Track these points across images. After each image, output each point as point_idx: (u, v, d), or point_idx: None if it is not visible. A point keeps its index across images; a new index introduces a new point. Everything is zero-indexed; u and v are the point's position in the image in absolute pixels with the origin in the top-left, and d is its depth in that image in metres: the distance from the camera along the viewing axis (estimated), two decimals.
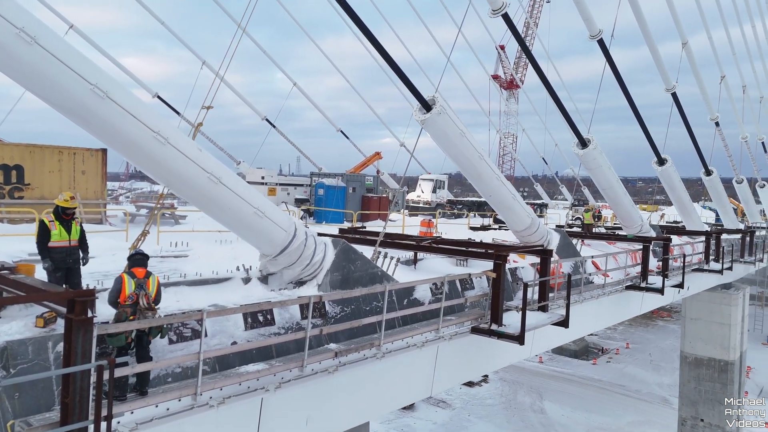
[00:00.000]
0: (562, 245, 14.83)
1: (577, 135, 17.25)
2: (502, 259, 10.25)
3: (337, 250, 8.69)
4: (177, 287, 7.81)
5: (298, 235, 8.15)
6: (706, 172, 28.71)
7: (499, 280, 10.25)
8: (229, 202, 7.33)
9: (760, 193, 44.03)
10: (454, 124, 11.67)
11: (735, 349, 29.57)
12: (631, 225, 19.61)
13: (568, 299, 11.45)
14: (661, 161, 22.86)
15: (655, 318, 63.17)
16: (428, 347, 9.94)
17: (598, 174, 17.69)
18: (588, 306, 15.46)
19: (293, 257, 8.23)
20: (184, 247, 11.78)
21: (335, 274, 8.66)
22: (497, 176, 12.81)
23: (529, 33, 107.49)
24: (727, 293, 29.04)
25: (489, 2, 13.79)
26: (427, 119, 11.39)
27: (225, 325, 7.06)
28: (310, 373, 7.32)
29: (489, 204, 14.04)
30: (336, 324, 8.01)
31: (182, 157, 6.79)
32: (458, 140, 11.89)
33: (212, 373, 6.63)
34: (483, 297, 10.81)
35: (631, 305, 18.40)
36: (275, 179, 23.86)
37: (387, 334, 8.79)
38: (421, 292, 10.28)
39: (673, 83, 24.59)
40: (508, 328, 10.27)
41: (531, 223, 13.92)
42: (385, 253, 10.72)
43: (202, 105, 8.59)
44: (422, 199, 37.40)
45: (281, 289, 8.56)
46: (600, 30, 18.55)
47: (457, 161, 12.53)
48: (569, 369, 46.41)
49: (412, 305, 9.83)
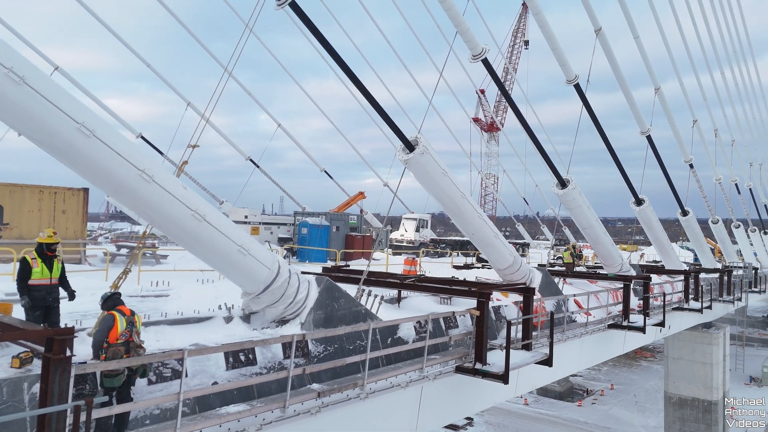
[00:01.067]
0: (545, 283, 14.95)
1: (556, 176, 17.63)
2: (485, 297, 10.30)
3: (320, 288, 8.67)
4: (157, 326, 7.70)
5: (282, 273, 8.13)
6: (682, 212, 29.37)
7: (482, 318, 10.27)
8: (213, 240, 7.33)
9: (735, 233, 45.05)
10: (437, 163, 11.88)
11: (718, 389, 29.64)
12: (612, 264, 19.86)
13: (551, 337, 11.48)
14: (639, 201, 23.36)
15: (638, 358, 63.20)
16: (412, 387, 9.84)
17: (578, 214, 18.01)
18: (571, 345, 15.48)
19: (276, 295, 8.19)
20: (164, 287, 11.64)
21: (318, 313, 8.61)
22: (479, 215, 12.99)
23: (508, 78, 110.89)
24: (708, 332, 29.30)
25: (469, 48, 14.30)
26: (410, 159, 11.59)
27: (206, 365, 6.95)
28: (292, 414, 7.19)
29: (472, 242, 14.16)
30: (319, 363, 7.91)
31: (167, 195, 6.82)
32: (441, 179, 12.08)
33: (192, 415, 6.48)
34: (467, 335, 10.79)
35: (613, 344, 18.44)
36: (258, 218, 23.83)
37: (371, 374, 8.70)
38: (405, 330, 10.24)
39: (647, 126, 25.44)
40: (492, 367, 10.23)
41: (513, 262, 14.05)
42: (368, 291, 10.70)
43: (188, 144, 8.67)
44: (406, 238, 37.56)
45: (264, 327, 8.47)
46: (576, 75, 19.26)
47: (440, 200, 12.69)
48: (555, 411, 45.94)
49: (396, 344, 9.77)
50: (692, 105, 34.11)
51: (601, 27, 21.24)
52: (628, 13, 23.90)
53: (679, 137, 29.80)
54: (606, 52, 21.75)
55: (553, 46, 18.33)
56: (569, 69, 19.10)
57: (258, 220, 23.72)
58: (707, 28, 37.98)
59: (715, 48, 39.92)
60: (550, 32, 18.12)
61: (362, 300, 10.22)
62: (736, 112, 46.32)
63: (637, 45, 25.49)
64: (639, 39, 25.66)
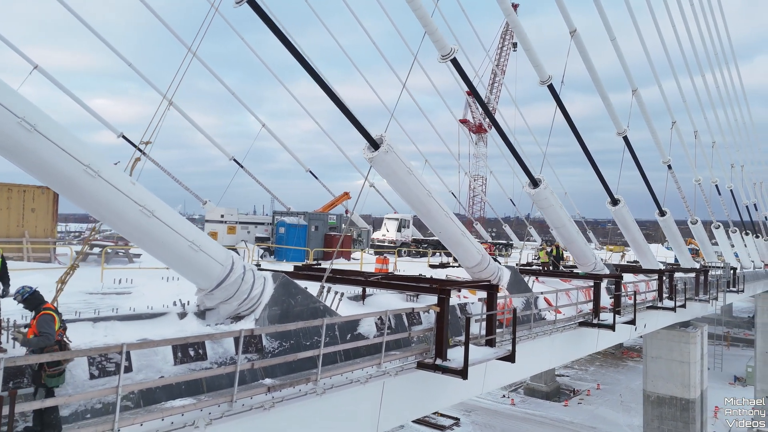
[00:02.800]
0: (514, 281, 15.08)
1: (528, 175, 17.80)
2: (446, 293, 10.39)
3: (276, 285, 8.71)
4: (107, 322, 7.70)
5: (235, 269, 8.17)
6: (660, 212, 29.70)
7: (443, 314, 10.35)
8: (163, 236, 7.35)
9: (715, 234, 45.54)
10: (402, 162, 11.98)
11: (696, 387, 29.91)
12: (586, 263, 20.06)
13: (513, 333, 11.58)
14: (615, 201, 23.61)
15: (625, 358, 63.73)
16: (373, 383, 9.90)
17: (550, 212, 18.19)
18: (541, 342, 15.62)
19: (230, 291, 8.23)
20: (128, 284, 11.62)
21: (274, 309, 8.66)
22: (446, 213, 13.10)
23: (496, 80, 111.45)
24: (686, 331, 29.57)
25: (438, 49, 14.41)
26: (375, 157, 11.68)
27: (153, 360, 6.97)
28: (240, 409, 7.22)
29: (441, 241, 14.27)
30: (270, 358, 7.95)
31: (113, 190, 6.83)
32: (406, 178, 12.18)
33: (135, 409, 6.50)
34: (429, 331, 10.87)
35: (585, 342, 18.61)
36: (235, 217, 23.80)
37: (326, 369, 8.75)
38: (365, 327, 10.31)
39: (623, 127, 25.71)
40: (452, 363, 10.32)
41: (481, 260, 14.16)
42: (328, 288, 10.76)
43: (141, 140, 8.67)
44: (387, 238, 37.67)
45: (218, 324, 8.50)
46: (549, 76, 19.43)
47: (406, 198, 12.79)
48: (541, 411, 46.16)
49: (355, 340, 9.83)
50: (672, 108, 34.53)
51: (576, 29, 21.45)
52: (604, 15, 24.15)
53: (657, 138, 30.14)
54: (581, 53, 21.99)
55: (526, 47, 18.51)
56: (542, 70, 19.27)
57: (235, 219, 23.68)
58: (687, 32, 38.50)
59: (696, 51, 40.46)
60: (523, 33, 18.30)
61: (324, 297, 10.27)
62: (717, 115, 46.93)
63: (614, 47, 25.76)
64: (615, 41, 25.93)
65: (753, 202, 57.01)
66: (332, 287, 11.11)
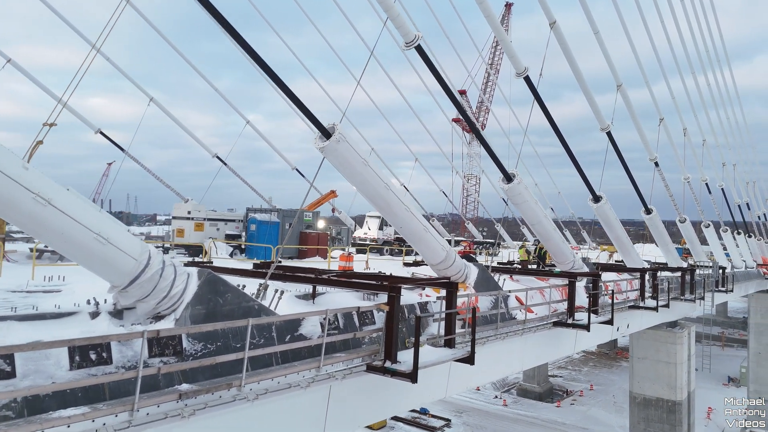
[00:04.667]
0: (482, 279, 14.41)
1: (502, 171, 17.13)
2: (396, 291, 9.71)
3: (200, 282, 8.02)
4: (3, 322, 7.00)
5: (152, 264, 7.47)
6: (645, 210, 29.04)
7: (392, 313, 9.68)
8: (62, 227, 6.65)
9: (705, 233, 44.88)
10: (356, 152, 11.31)
11: (682, 389, 29.31)
12: (563, 261, 19.41)
13: (473, 334, 10.91)
14: (597, 198, 22.97)
15: (619, 359, 63.25)
16: (317, 387, 9.22)
17: (525, 209, 17.54)
18: (512, 343, 14.95)
19: (146, 288, 7.53)
20: (59, 282, 10.92)
21: (198, 308, 7.96)
22: (406, 207, 12.41)
23: (489, 80, 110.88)
24: (672, 331, 28.97)
25: (401, 35, 13.74)
26: (326, 147, 11.00)
27: (43, 364, 6.27)
28: (146, 418, 6.53)
29: (403, 237, 13.60)
30: (180, 363, 7.25)
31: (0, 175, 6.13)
32: (361, 169, 11.51)
33: (17, 419, 5.80)
34: (380, 331, 10.19)
35: (563, 343, 17.96)
36: (204, 214, 23.01)
37: (257, 373, 8.07)
38: (309, 327, 9.62)
39: (607, 123, 25.07)
40: (401, 365, 9.65)
41: (446, 257, 13.49)
42: (266, 286, 10.06)
43: (44, 122, 7.99)
44: (369, 236, 36.92)
45: (134, 324, 7.81)
46: (525, 68, 18.78)
47: (364, 192, 12.11)
48: (533, 412, 45.77)
49: (296, 341, 9.14)
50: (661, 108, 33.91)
51: (555, 20, 20.81)
52: (586, 7, 23.52)
53: (642, 134, 29.52)
54: (562, 45, 21.34)
55: (500, 38, 17.86)
56: (518, 61, 18.61)
57: (203, 215, 22.90)
58: (678, 32, 37.90)
59: (687, 51, 39.81)
60: (496, 24, 17.63)
61: (260, 296, 9.58)
62: (709, 114, 46.34)
63: (597, 40, 25.13)
64: (599, 34, 25.32)
65: (745, 201, 56.42)
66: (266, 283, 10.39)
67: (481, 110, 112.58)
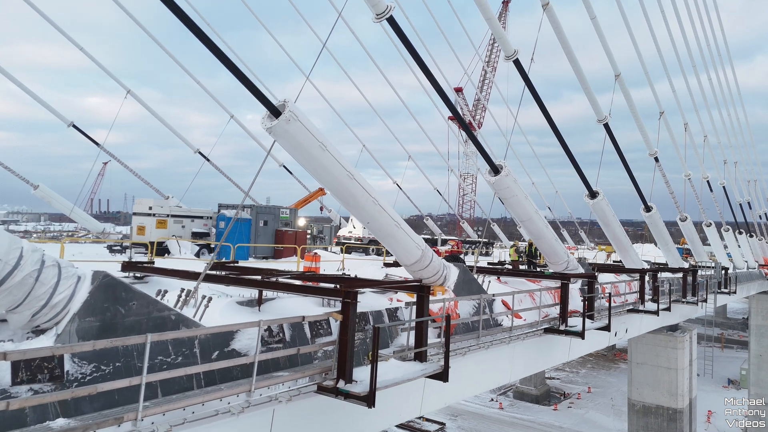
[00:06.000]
0: (463, 282, 12.79)
1: (488, 162, 15.54)
2: (351, 297, 8.11)
3: (92, 288, 6.39)
4: None
5: (23, 266, 5.86)
6: (645, 208, 27.45)
7: (347, 323, 8.08)
8: None
9: (707, 232, 43.37)
10: (311, 134, 9.69)
11: (683, 396, 27.77)
12: (557, 261, 17.80)
13: (446, 346, 9.30)
14: (593, 194, 21.37)
15: (617, 360, 62.01)
16: (255, 413, 7.62)
17: (513, 204, 15.93)
18: (497, 352, 13.35)
19: (16, 296, 5.92)
20: None
21: (89, 320, 6.33)
22: (374, 200, 10.79)
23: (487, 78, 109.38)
24: (673, 335, 27.44)
25: (370, 6, 12.15)
26: (274, 127, 9.39)
27: None
28: None
29: (371, 233, 11.98)
30: (33, 396, 5.59)
31: None
32: (319, 154, 9.89)
33: None
34: (334, 344, 8.58)
35: (556, 350, 16.37)
36: (167, 210, 21.27)
37: (167, 401, 6.47)
38: (245, 341, 7.99)
39: (604, 114, 23.53)
40: (356, 386, 8.04)
41: (422, 256, 11.85)
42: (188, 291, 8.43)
43: None
44: (353, 235, 35.27)
45: (7, 340, 6.20)
46: (515, 50, 17.21)
47: (323, 181, 10.52)
48: (530, 415, 44.78)
49: (225, 357, 7.52)
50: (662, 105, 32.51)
51: (549, 1, 19.26)
52: None
53: (641, 125, 27.97)
54: (554, 25, 19.76)
55: (487, 16, 16.26)
56: (507, 44, 17.04)
57: (166, 212, 21.15)
58: (681, 30, 36.61)
59: (690, 50, 38.45)
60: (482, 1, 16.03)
61: (178, 303, 7.96)
62: (711, 113, 44.93)
63: (593, 25, 23.57)
64: (596, 20, 23.75)
65: (747, 200, 54.89)
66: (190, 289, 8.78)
67: (478, 108, 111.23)
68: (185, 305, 7.99)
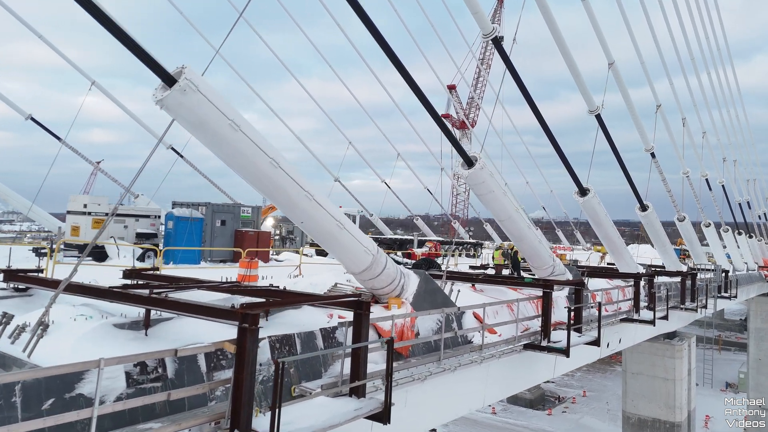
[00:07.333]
0: (425, 292, 10.73)
1: (461, 154, 13.53)
2: (249, 321, 6.05)
3: None
4: None
5: None
6: (641, 207, 25.50)
7: (244, 356, 6.03)
8: None
9: (706, 232, 41.51)
10: (217, 110, 7.63)
11: (682, 409, 25.80)
12: (541, 266, 15.77)
13: (387, 378, 7.26)
14: (583, 192, 19.39)
15: (613, 363, 60.50)
16: None
17: (490, 200, 13.90)
18: (468, 374, 11.30)
19: None
20: None
21: None
22: (307, 194, 8.73)
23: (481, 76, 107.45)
24: (670, 344, 25.48)
25: None
26: (165, 99, 7.33)
27: None
28: None
29: (307, 234, 9.93)
30: None
31: None
32: (230, 135, 7.84)
33: None
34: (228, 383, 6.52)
35: (538, 369, 14.35)
36: (105, 208, 19.10)
37: None
38: (105, 381, 5.92)
39: (596, 104, 21.59)
40: None
41: (372, 262, 9.79)
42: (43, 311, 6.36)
43: None
44: None
45: None
46: (494, 27, 15.21)
47: (241, 170, 8.45)
48: (523, 420, 43.31)
49: (65, 410, 5.45)
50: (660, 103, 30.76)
51: None
52: None
53: (637, 119, 26.04)
54: (542, 10, 17.82)
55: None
56: (485, 21, 15.01)
57: (104, 210, 18.98)
58: (682, 29, 35.13)
59: (690, 49, 36.81)
60: None
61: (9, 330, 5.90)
62: (711, 113, 43.26)
63: (584, 7, 21.60)
64: (587, 2, 21.80)
65: (746, 200, 53.10)
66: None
67: (472, 106, 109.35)
68: (16, 337, 5.90)
